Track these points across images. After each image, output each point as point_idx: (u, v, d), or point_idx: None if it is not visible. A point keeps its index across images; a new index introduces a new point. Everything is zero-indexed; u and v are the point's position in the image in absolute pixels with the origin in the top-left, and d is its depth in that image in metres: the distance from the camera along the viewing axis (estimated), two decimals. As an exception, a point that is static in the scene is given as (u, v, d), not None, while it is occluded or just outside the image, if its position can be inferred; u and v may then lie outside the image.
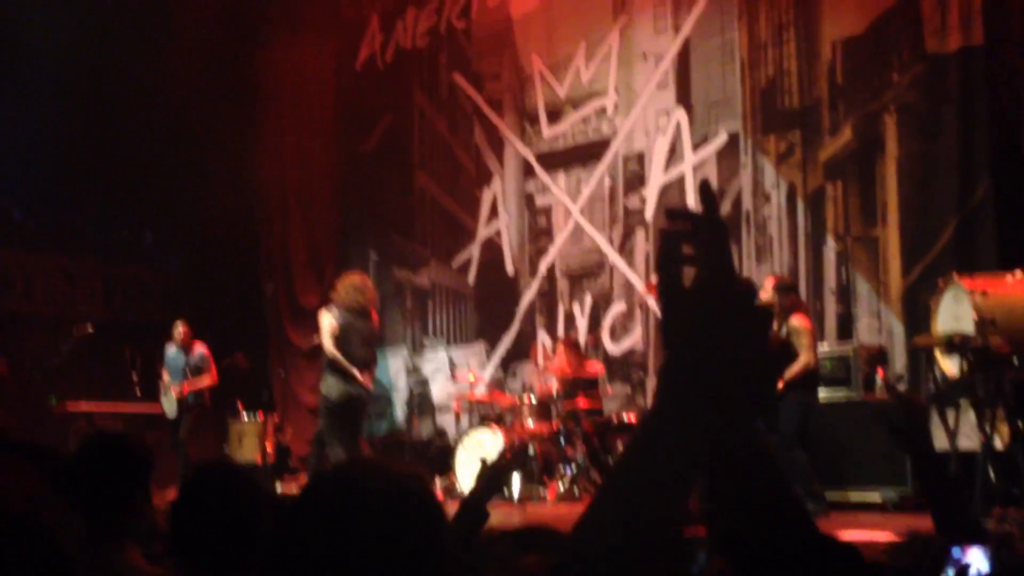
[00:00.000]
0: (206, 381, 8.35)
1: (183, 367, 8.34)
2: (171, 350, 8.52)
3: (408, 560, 1.02)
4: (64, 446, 8.64)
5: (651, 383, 8.87)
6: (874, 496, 6.07)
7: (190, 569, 1.94)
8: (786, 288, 6.33)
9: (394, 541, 1.02)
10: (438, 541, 1.06)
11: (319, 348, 9.20)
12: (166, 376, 8.41)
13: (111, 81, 10.74)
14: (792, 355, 5.91)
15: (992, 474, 4.84)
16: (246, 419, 9.18)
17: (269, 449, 9.01)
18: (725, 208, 8.57)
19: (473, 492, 2.48)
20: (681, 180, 8.92)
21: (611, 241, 9.42)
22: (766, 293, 6.11)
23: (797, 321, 6.07)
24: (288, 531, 1.04)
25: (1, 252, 11.48)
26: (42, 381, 8.71)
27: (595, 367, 8.22)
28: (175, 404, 8.21)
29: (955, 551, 1.60)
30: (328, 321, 6.81)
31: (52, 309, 11.56)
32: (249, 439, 9.09)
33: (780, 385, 5.84)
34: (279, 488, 8.46)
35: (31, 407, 9.32)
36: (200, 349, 8.50)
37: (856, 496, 6.14)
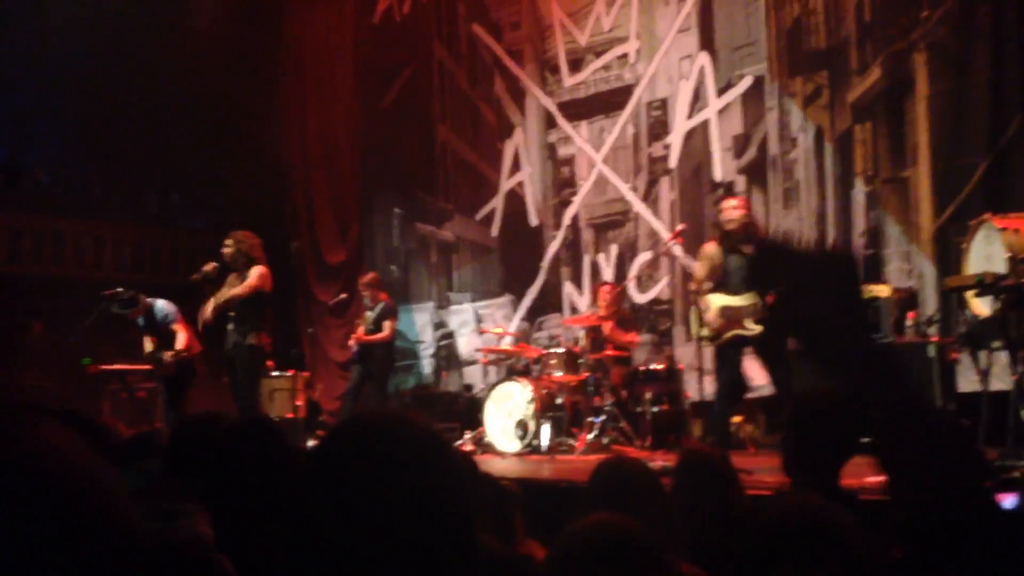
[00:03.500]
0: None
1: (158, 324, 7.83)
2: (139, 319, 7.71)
3: (426, 507, 1.04)
4: (97, 406, 8.79)
5: (677, 332, 8.85)
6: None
7: (222, 521, 1.97)
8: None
9: (412, 489, 1.05)
10: (456, 490, 1.08)
11: (346, 304, 9.30)
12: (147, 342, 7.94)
13: (136, 45, 10.71)
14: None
15: (1025, 415, 4.80)
16: (277, 376, 9.26)
17: (300, 404, 9.10)
18: (751, 153, 8.46)
19: None
20: (705, 126, 8.80)
21: (635, 190, 9.35)
22: (737, 211, 6.03)
23: None
24: (308, 482, 1.07)
25: (30, 217, 11.61)
26: (75, 343, 8.81)
27: (632, 337, 8.19)
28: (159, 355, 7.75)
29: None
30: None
31: (81, 272, 11.70)
32: (280, 395, 9.19)
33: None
34: (310, 444, 8.55)
35: (65, 369, 9.46)
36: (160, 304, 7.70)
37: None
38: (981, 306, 5.05)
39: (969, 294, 5.14)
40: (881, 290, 5.92)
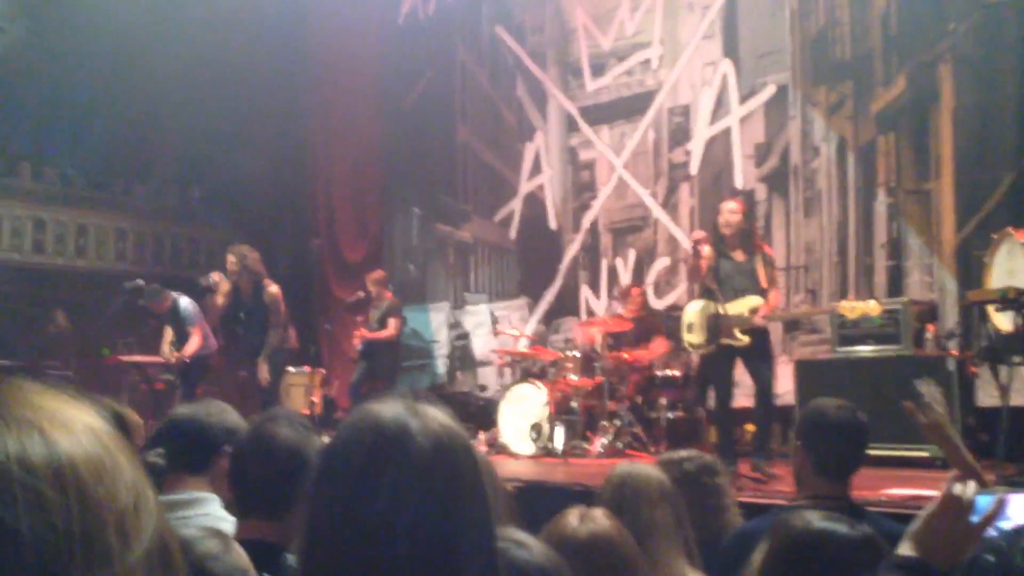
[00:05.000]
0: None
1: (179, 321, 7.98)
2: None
3: (444, 507, 1.03)
4: (117, 396, 8.87)
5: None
6: (922, 452, 6.00)
7: (249, 510, 2.00)
8: (752, 214, 6.34)
9: (429, 486, 1.03)
10: (475, 490, 1.07)
11: (363, 302, 9.35)
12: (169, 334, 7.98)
13: (163, 40, 10.79)
14: None
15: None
16: (294, 372, 9.31)
17: (316, 401, 9.15)
18: (772, 162, 8.43)
19: None
20: (727, 133, 8.77)
21: (655, 195, 9.33)
22: (735, 215, 5.81)
23: (771, 251, 6.13)
24: (321, 475, 1.07)
25: (55, 210, 11.72)
26: (95, 334, 8.91)
27: (660, 346, 8.12)
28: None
29: (988, 500, 1.56)
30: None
31: (103, 265, 11.80)
32: (297, 391, 9.23)
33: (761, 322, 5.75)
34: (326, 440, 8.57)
35: (86, 359, 9.56)
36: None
37: (905, 452, 6.08)
38: (1003, 321, 5.02)
39: (991, 308, 5.10)
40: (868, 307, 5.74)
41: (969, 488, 1.51)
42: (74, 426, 0.60)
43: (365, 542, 1.01)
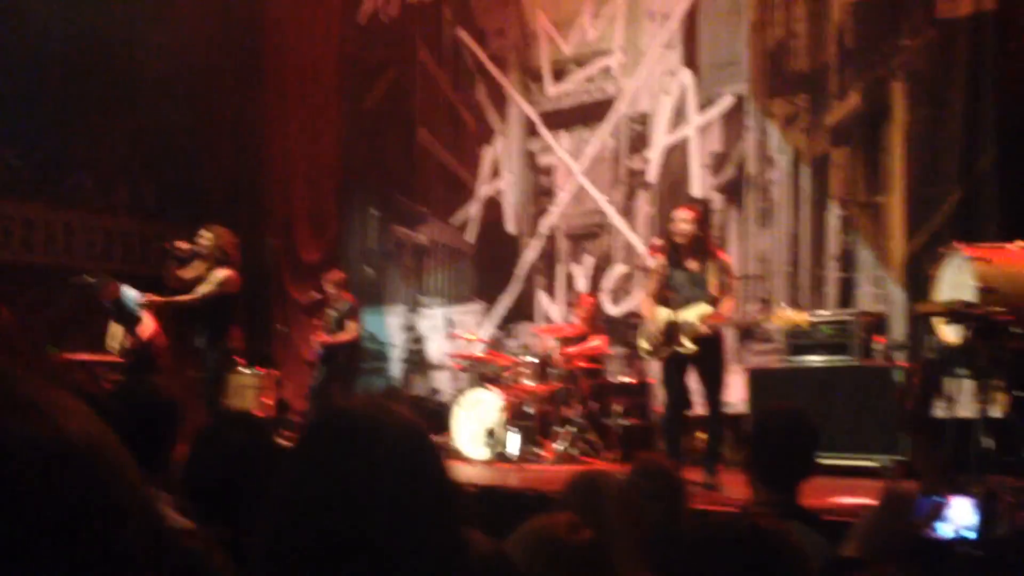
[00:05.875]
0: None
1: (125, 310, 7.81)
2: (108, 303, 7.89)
3: (414, 498, 1.03)
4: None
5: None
6: (869, 462, 6.11)
7: (205, 513, 1.96)
8: (706, 222, 6.43)
9: (397, 479, 1.03)
10: (443, 482, 1.07)
11: (320, 303, 9.27)
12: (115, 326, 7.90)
13: (116, 33, 10.61)
14: None
15: (990, 443, 4.86)
16: (247, 373, 9.19)
17: (269, 403, 9.04)
18: (729, 171, 8.52)
19: None
20: (685, 142, 8.85)
21: (613, 202, 9.38)
22: (686, 224, 5.79)
23: (727, 258, 6.11)
24: (292, 471, 1.05)
25: (0, 202, 11.44)
26: (41, 331, 8.72)
27: (598, 342, 8.17)
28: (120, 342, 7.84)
29: (927, 502, 1.61)
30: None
31: (50, 260, 11.55)
32: (249, 393, 9.10)
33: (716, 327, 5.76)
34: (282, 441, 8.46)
35: (30, 357, 9.33)
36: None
37: (851, 461, 6.18)
38: (949, 333, 5.12)
39: (938, 321, 5.20)
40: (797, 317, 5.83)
41: (909, 489, 1.55)
42: (74, 409, 0.65)
43: (343, 536, 0.99)
